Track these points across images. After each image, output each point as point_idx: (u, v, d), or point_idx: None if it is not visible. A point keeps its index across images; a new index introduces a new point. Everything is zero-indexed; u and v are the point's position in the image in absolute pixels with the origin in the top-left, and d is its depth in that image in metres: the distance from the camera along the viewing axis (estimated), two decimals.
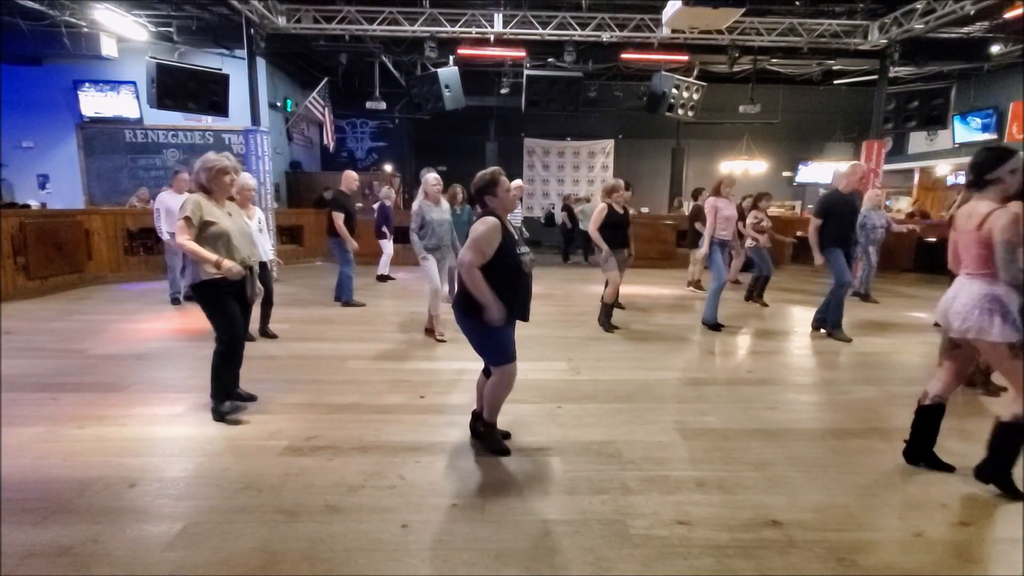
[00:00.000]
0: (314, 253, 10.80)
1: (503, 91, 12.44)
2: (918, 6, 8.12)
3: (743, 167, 14.23)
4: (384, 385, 3.95)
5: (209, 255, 2.98)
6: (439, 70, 9.15)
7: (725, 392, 3.96)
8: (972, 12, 7.59)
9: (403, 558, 2.06)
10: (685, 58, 10.16)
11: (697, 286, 8.22)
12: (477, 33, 8.94)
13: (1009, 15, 8.10)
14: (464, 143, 14.65)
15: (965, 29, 9.24)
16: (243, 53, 8.53)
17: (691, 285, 8.39)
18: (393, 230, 8.76)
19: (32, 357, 4.46)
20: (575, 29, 8.93)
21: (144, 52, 9.16)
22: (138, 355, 4.58)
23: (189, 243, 2.97)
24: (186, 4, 8.95)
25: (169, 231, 6.26)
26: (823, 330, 5.55)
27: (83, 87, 10.75)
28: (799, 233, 10.57)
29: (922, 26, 8.22)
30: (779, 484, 2.65)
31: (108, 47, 9.40)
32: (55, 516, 2.28)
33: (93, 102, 10.84)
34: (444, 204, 5.22)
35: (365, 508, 2.38)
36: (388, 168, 14.71)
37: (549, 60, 10.33)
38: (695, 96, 10.03)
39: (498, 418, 2.95)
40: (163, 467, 2.73)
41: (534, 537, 2.20)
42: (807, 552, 2.14)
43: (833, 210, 5.14)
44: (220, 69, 8.62)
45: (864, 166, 5.72)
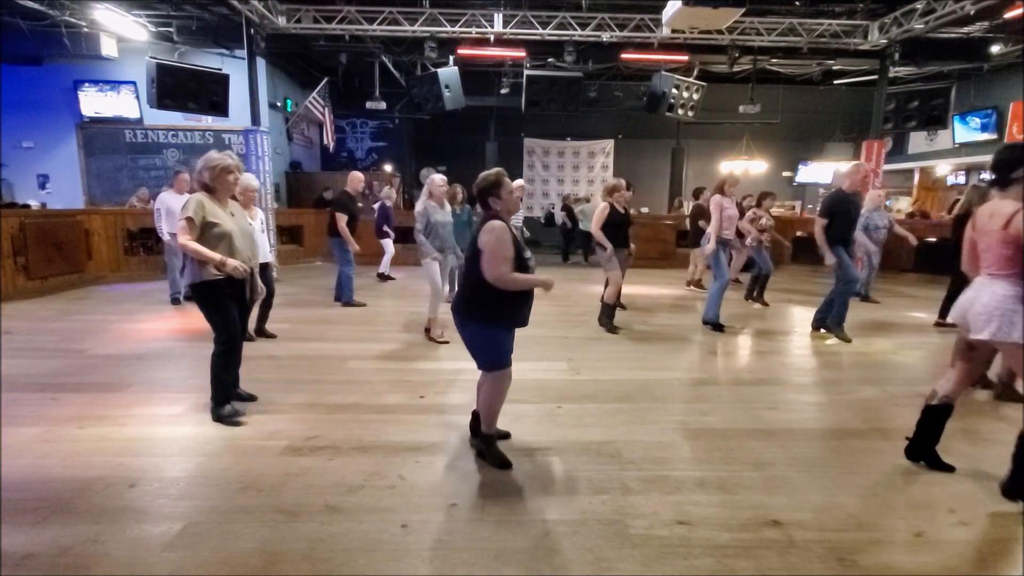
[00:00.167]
0: (314, 253, 10.80)
1: (503, 91, 12.43)
2: (918, 6, 8.12)
3: (743, 167, 14.23)
4: (384, 385, 3.95)
5: (213, 254, 2.97)
6: (439, 70, 9.15)
7: (725, 392, 3.96)
8: (972, 12, 7.59)
9: (403, 558, 2.06)
10: (685, 58, 10.16)
11: (698, 285, 8.23)
12: (477, 33, 8.94)
13: (1009, 15, 8.10)
14: (464, 143, 14.66)
15: (965, 29, 9.24)
16: (243, 53, 8.53)
17: (691, 284, 8.39)
18: (393, 230, 8.77)
19: (32, 357, 4.46)
20: (575, 29, 8.93)
21: (144, 52, 9.16)
22: (138, 355, 4.58)
23: (191, 243, 2.96)
24: (186, 4, 8.94)
25: (170, 231, 6.25)
26: (823, 330, 5.55)
27: (83, 87, 10.75)
28: (799, 233, 10.66)
29: (922, 26, 8.22)
30: (779, 484, 2.65)
31: (108, 47, 9.40)
32: (55, 516, 2.28)
33: (93, 102, 10.84)
34: (447, 205, 5.24)
35: (365, 508, 2.38)
36: (388, 168, 14.71)
37: (549, 60, 10.34)
38: (695, 96, 10.03)
39: (498, 419, 2.94)
40: (163, 467, 2.73)
41: (534, 537, 2.20)
42: (807, 552, 2.14)
43: (837, 209, 5.15)
44: (220, 69, 8.62)
45: (867, 166, 5.73)
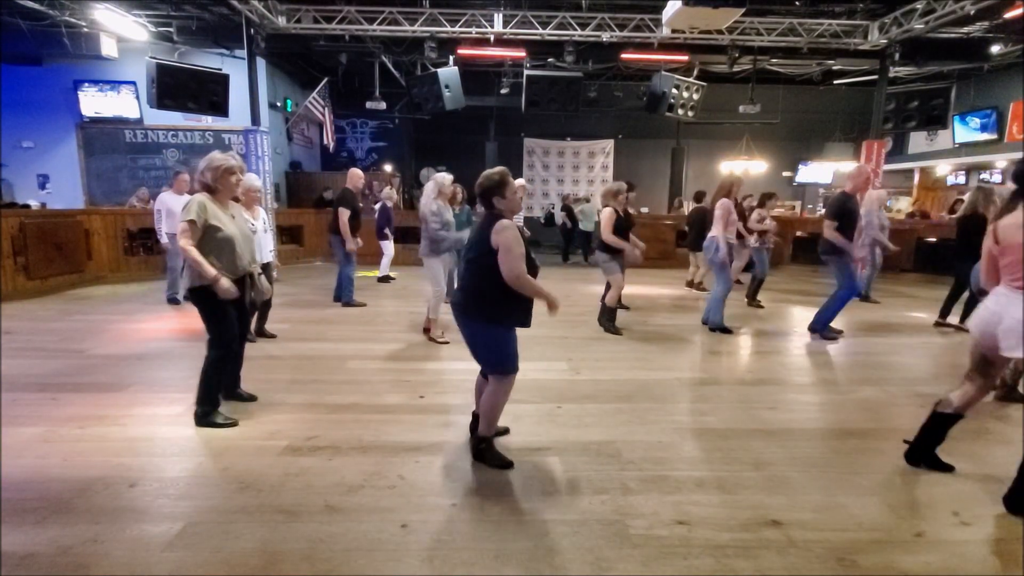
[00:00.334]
0: (314, 253, 10.80)
1: (503, 91, 12.43)
2: (918, 6, 8.12)
3: (743, 167, 14.24)
4: (384, 385, 3.95)
5: (209, 270, 2.90)
6: (439, 70, 9.15)
7: (725, 392, 3.96)
8: (972, 12, 7.59)
9: (403, 558, 2.06)
10: (685, 58, 10.16)
11: (699, 287, 8.22)
12: (477, 33, 8.94)
13: (1009, 15, 8.10)
14: (464, 143, 14.66)
15: (965, 29, 9.24)
16: (243, 53, 8.54)
17: (691, 285, 8.39)
18: (393, 230, 8.75)
19: (32, 357, 4.46)
20: (575, 29, 8.93)
21: (144, 52, 9.16)
22: (138, 355, 4.58)
23: (192, 249, 2.91)
24: (186, 4, 8.95)
25: (169, 232, 6.22)
26: (817, 331, 5.46)
27: (83, 87, 10.76)
28: (799, 233, 10.66)
29: (922, 26, 8.22)
30: (779, 484, 2.65)
31: (108, 47, 9.40)
32: (55, 516, 2.28)
33: (93, 102, 10.85)
34: (449, 206, 5.28)
35: (365, 508, 2.38)
36: (388, 168, 14.72)
37: (549, 60, 10.34)
38: (695, 96, 10.03)
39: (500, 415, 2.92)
40: (163, 467, 2.73)
41: (534, 537, 2.20)
42: (807, 552, 2.14)
43: (846, 211, 5.11)
44: (220, 69, 8.62)
45: (868, 168, 5.72)
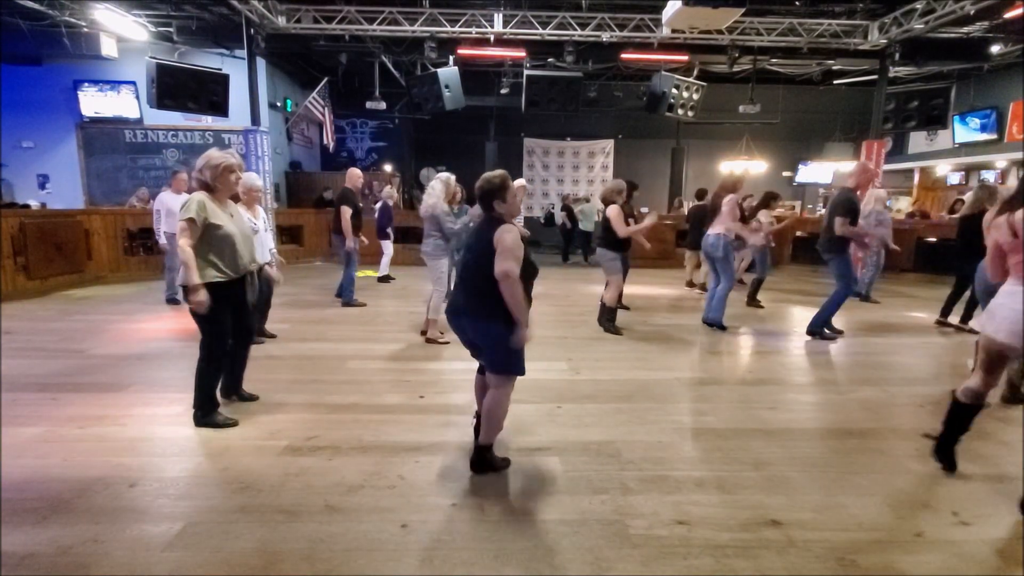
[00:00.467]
0: (314, 253, 10.80)
1: (503, 91, 12.43)
2: (918, 6, 8.12)
3: (743, 167, 14.24)
4: (384, 385, 3.96)
5: (193, 275, 2.88)
6: (439, 70, 9.15)
7: (725, 392, 3.96)
8: (972, 12, 7.59)
9: (403, 558, 2.06)
10: (685, 58, 10.16)
11: (702, 288, 8.20)
12: (477, 33, 8.94)
13: (1009, 15, 8.10)
14: (464, 143, 14.66)
15: (965, 29, 9.23)
16: (243, 53, 8.54)
17: (694, 285, 8.39)
18: (393, 230, 8.75)
19: (32, 357, 4.46)
20: (575, 29, 8.93)
21: (144, 52, 9.16)
22: (138, 355, 4.58)
23: (188, 250, 2.89)
24: (186, 4, 8.95)
25: (168, 232, 6.21)
26: (815, 334, 5.44)
27: (83, 87, 10.76)
28: (799, 233, 10.66)
29: (922, 26, 8.22)
30: (779, 484, 2.65)
31: (108, 47, 9.39)
32: (55, 516, 2.28)
33: (93, 102, 10.85)
34: None
35: (365, 508, 2.38)
36: (388, 168, 14.72)
37: (549, 60, 10.34)
38: (695, 96, 10.03)
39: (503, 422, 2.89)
40: (163, 467, 2.73)
41: (533, 537, 2.20)
42: (807, 552, 2.14)
43: (853, 207, 5.05)
44: (220, 69, 8.62)
45: (871, 164, 5.68)
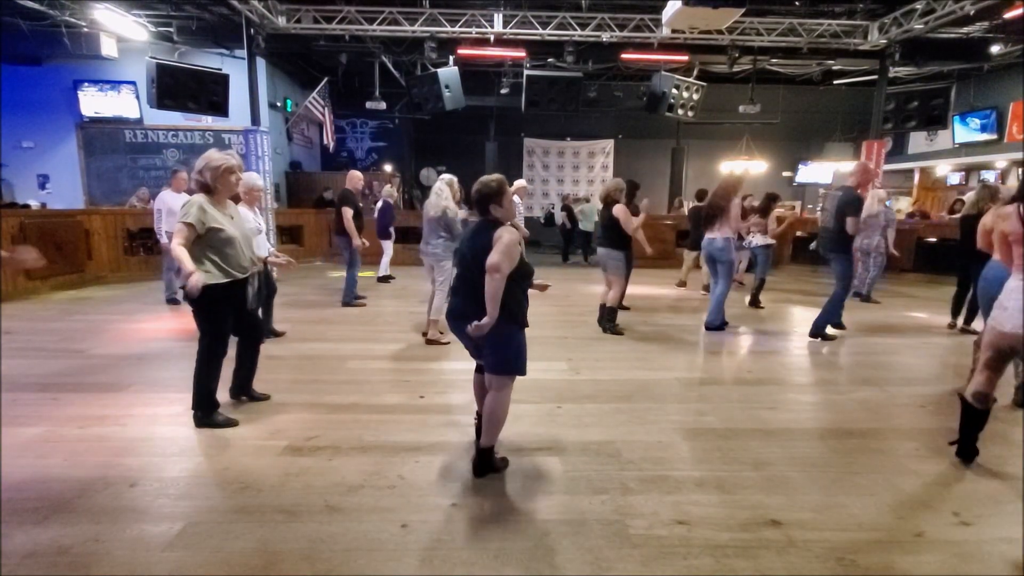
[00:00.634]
0: (314, 253, 10.80)
1: (503, 91, 12.43)
2: (918, 6, 8.12)
3: (743, 167, 14.24)
4: (384, 385, 3.96)
5: (188, 265, 2.87)
6: (439, 70, 9.16)
7: (724, 392, 3.96)
8: (972, 12, 7.60)
9: (403, 558, 2.06)
10: (685, 58, 10.16)
11: (705, 289, 8.18)
12: (477, 33, 8.94)
13: (1009, 15, 8.11)
14: (464, 143, 14.67)
15: (965, 29, 9.24)
16: (243, 53, 8.54)
17: (684, 286, 8.40)
18: (395, 230, 8.74)
19: (32, 357, 4.46)
20: (575, 29, 8.93)
21: (144, 52, 9.17)
22: (138, 355, 4.58)
23: (178, 248, 2.88)
24: (186, 4, 8.95)
25: (169, 231, 6.21)
26: (818, 336, 5.41)
27: (83, 87, 10.76)
28: (799, 233, 10.65)
29: (922, 26, 8.23)
30: (778, 484, 2.65)
31: (108, 47, 9.39)
32: (55, 516, 2.28)
33: (93, 102, 10.85)
34: None
35: (365, 508, 2.38)
36: (388, 168, 14.73)
37: (549, 60, 10.34)
38: (695, 96, 10.03)
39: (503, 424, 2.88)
40: (163, 467, 2.73)
41: (533, 537, 2.20)
42: (806, 552, 2.14)
43: (859, 206, 5.01)
44: (220, 69, 8.63)
45: (871, 164, 5.67)
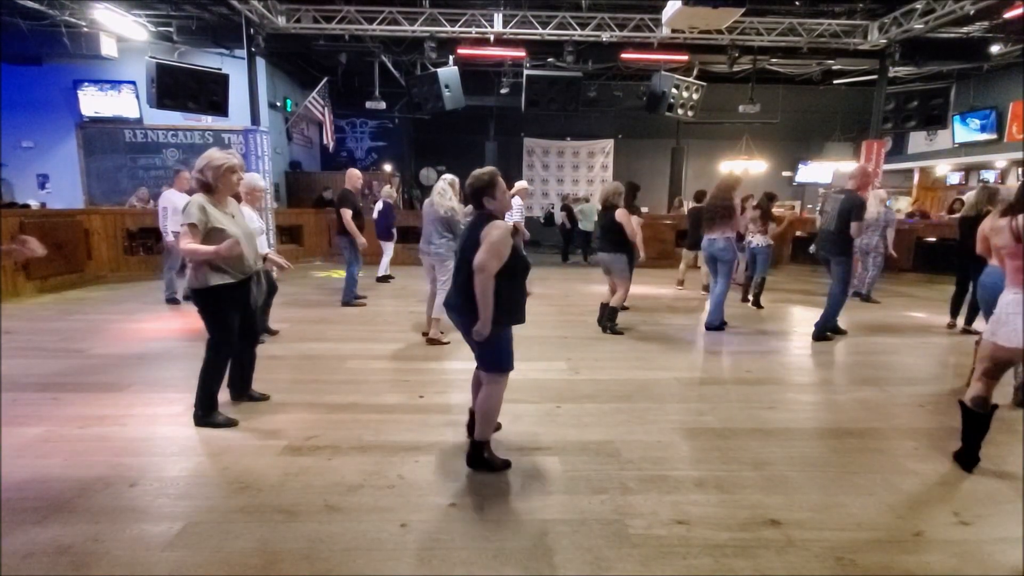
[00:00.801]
0: (314, 253, 10.80)
1: (503, 91, 12.43)
2: (918, 6, 8.12)
3: (743, 167, 14.24)
4: (384, 385, 3.96)
5: (206, 248, 2.91)
6: (439, 70, 9.16)
7: (724, 392, 3.96)
8: (972, 12, 7.59)
9: (402, 558, 2.07)
10: (685, 58, 10.16)
11: (705, 289, 8.18)
12: (477, 33, 8.94)
13: (1009, 15, 8.10)
14: (464, 143, 14.66)
15: (965, 29, 9.24)
16: (243, 53, 8.54)
17: (683, 286, 8.41)
18: (395, 230, 8.72)
19: (32, 357, 4.47)
20: (575, 29, 8.93)
21: (144, 52, 9.17)
22: (138, 355, 4.58)
23: (190, 246, 2.92)
24: (186, 4, 8.95)
25: (175, 230, 6.19)
26: (821, 339, 5.36)
27: (83, 87, 10.76)
28: (799, 233, 10.65)
29: (922, 26, 8.22)
30: (778, 484, 2.65)
31: (108, 47, 9.40)
32: (55, 516, 2.28)
33: (93, 102, 10.85)
34: None
35: (364, 508, 2.38)
36: (388, 168, 14.73)
37: (549, 60, 10.34)
38: (695, 96, 10.03)
39: (497, 418, 2.92)
40: (163, 467, 2.73)
41: (533, 537, 2.20)
42: (806, 551, 2.14)
43: (863, 210, 4.97)
44: (220, 69, 8.62)
45: (870, 166, 5.66)
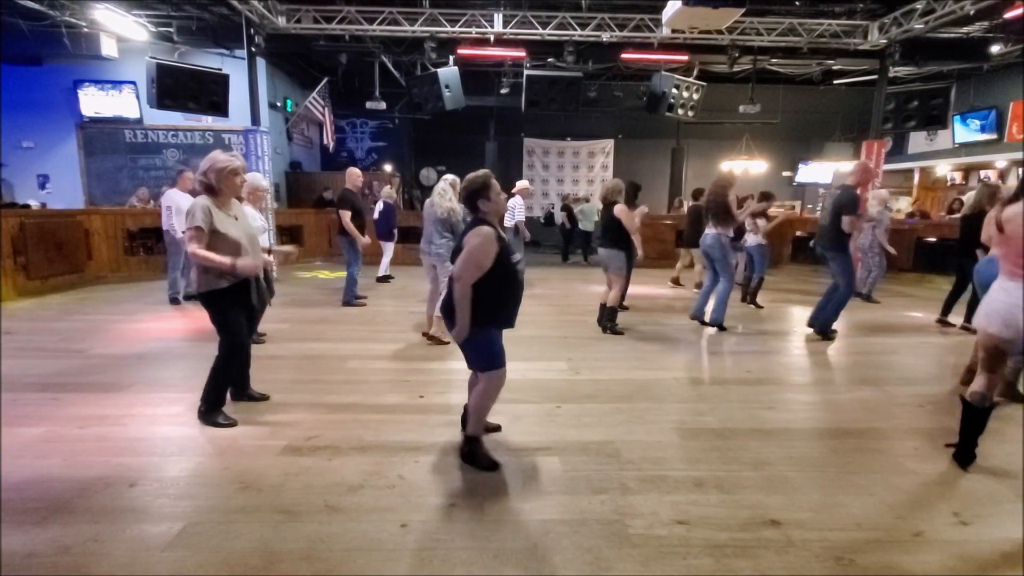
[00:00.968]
0: (314, 253, 10.80)
1: (503, 91, 12.42)
2: (918, 6, 8.12)
3: (743, 167, 14.24)
4: (384, 385, 3.96)
5: (223, 259, 2.94)
6: (439, 70, 9.15)
7: (724, 392, 3.96)
8: (972, 12, 7.59)
9: (402, 558, 2.07)
10: (685, 58, 10.16)
11: (698, 286, 8.20)
12: (477, 33, 8.94)
13: (1009, 15, 8.10)
14: (464, 143, 14.66)
15: (965, 29, 9.23)
16: (243, 53, 8.53)
17: (680, 285, 8.42)
18: (395, 230, 8.72)
19: (32, 357, 4.47)
20: (575, 29, 8.93)
21: (144, 52, 9.16)
22: (138, 355, 4.58)
23: (201, 251, 2.94)
24: (186, 4, 8.95)
25: (182, 230, 6.18)
26: (825, 334, 5.40)
27: (83, 87, 10.76)
28: (799, 233, 10.65)
29: (922, 26, 8.22)
30: (777, 484, 2.65)
31: (108, 47, 9.38)
32: (55, 516, 2.28)
33: (93, 102, 10.85)
34: None
35: (364, 508, 2.38)
36: (388, 168, 14.73)
37: (549, 60, 10.34)
38: (695, 96, 10.03)
39: (497, 418, 2.93)
40: (163, 467, 2.73)
41: (533, 537, 2.21)
42: (805, 551, 2.14)
43: (858, 205, 4.99)
44: (220, 69, 8.61)
45: (870, 163, 5.65)
